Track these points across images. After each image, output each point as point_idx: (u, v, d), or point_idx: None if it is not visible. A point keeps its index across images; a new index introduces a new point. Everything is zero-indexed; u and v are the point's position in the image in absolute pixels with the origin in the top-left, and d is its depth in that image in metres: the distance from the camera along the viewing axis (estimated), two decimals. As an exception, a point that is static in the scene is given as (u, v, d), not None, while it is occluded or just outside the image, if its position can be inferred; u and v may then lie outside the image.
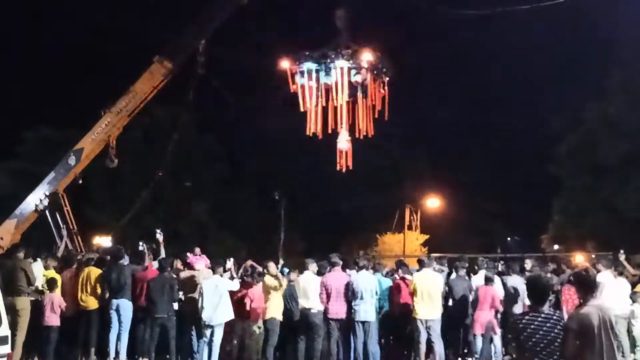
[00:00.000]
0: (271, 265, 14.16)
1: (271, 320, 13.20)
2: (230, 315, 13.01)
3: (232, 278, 13.89)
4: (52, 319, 12.98)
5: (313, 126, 20.44)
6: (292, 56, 20.16)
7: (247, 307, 13.57)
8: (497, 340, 13.70)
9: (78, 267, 14.13)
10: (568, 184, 32.98)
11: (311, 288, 13.38)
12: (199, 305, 12.95)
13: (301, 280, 13.58)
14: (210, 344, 12.97)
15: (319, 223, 36.26)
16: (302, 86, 20.13)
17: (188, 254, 15.48)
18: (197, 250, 16.15)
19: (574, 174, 32.08)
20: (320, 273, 13.67)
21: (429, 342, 13.08)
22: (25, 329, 12.11)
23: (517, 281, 13.81)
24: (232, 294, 14.07)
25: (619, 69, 30.16)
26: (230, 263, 14.34)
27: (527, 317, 6.93)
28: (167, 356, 13.24)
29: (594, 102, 31.18)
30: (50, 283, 13.11)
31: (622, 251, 15.38)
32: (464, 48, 46.66)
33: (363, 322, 13.00)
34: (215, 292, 12.84)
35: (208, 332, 12.91)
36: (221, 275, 13.30)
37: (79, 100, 29.43)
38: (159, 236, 14.98)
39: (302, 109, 20.10)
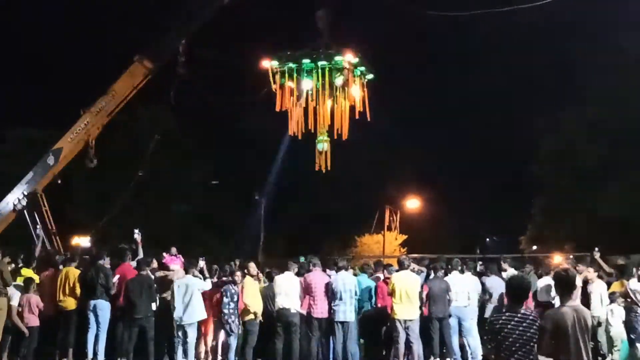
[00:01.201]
0: (251, 266, 14.12)
1: (250, 321, 13.16)
2: (202, 314, 12.95)
3: (204, 278, 13.84)
4: (31, 320, 12.87)
5: (294, 127, 20.48)
6: (274, 56, 20.16)
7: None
8: (473, 340, 13.75)
9: (56, 267, 14.03)
10: (547, 186, 33.19)
11: (291, 288, 13.37)
12: (171, 305, 12.88)
13: (281, 280, 13.53)
14: (184, 344, 12.88)
15: (298, 224, 36.24)
16: (283, 86, 20.15)
17: (164, 254, 15.38)
18: (174, 250, 16.05)
19: (553, 175, 32.28)
20: (299, 273, 13.70)
21: (408, 343, 13.10)
22: (2, 328, 11.99)
23: (495, 281, 13.85)
24: (211, 294, 14.04)
25: (598, 73, 30.39)
26: (202, 262, 14.25)
27: (504, 318, 6.94)
28: (146, 357, 13.15)
29: (574, 105, 31.39)
30: (27, 283, 12.98)
31: (597, 249, 15.49)
32: (445, 49, 46.91)
33: (342, 323, 13.00)
34: (187, 292, 12.77)
35: (180, 331, 12.82)
36: (194, 275, 13.24)
37: (62, 99, 29.23)
38: (137, 236, 14.90)
39: (282, 109, 20.11)
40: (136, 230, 15.04)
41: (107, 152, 20.21)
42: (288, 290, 13.34)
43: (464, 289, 13.99)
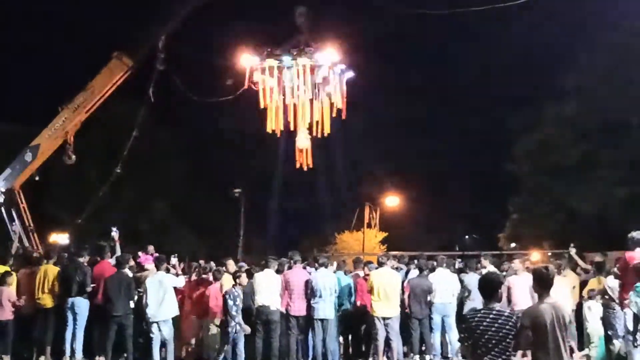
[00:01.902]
0: (230, 263, 14.12)
1: (229, 318, 13.14)
2: (174, 311, 12.95)
3: (177, 275, 13.82)
4: (4, 314, 12.79)
5: (273, 124, 20.45)
6: (253, 53, 20.10)
7: (206, 305, 13.53)
8: (455, 336, 13.82)
9: (34, 264, 13.92)
10: (525, 184, 33.34)
11: (271, 285, 13.36)
12: (143, 302, 12.85)
13: (261, 277, 13.50)
14: (160, 341, 12.85)
15: (278, 221, 36.26)
16: (263, 83, 20.12)
17: (140, 252, 15.33)
18: (151, 248, 16.02)
19: (531, 173, 32.42)
20: (279, 271, 13.68)
21: (387, 340, 13.15)
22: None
23: (473, 279, 13.93)
24: (191, 291, 14.02)
25: (576, 70, 30.57)
26: (174, 260, 14.21)
27: (479, 315, 7.01)
28: (124, 355, 13.09)
29: (551, 103, 31.55)
30: (2, 277, 12.89)
31: (572, 245, 15.69)
32: (423, 47, 47.06)
33: (322, 320, 13.02)
34: (160, 289, 12.75)
35: (154, 328, 12.76)
36: (166, 272, 13.20)
37: (42, 94, 28.90)
38: (115, 234, 14.84)
39: (262, 106, 20.07)
40: (114, 228, 14.98)
41: (86, 149, 20.04)
42: (268, 287, 13.35)
43: (447, 286, 14.13)
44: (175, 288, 13.15)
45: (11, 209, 17.96)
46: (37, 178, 19.00)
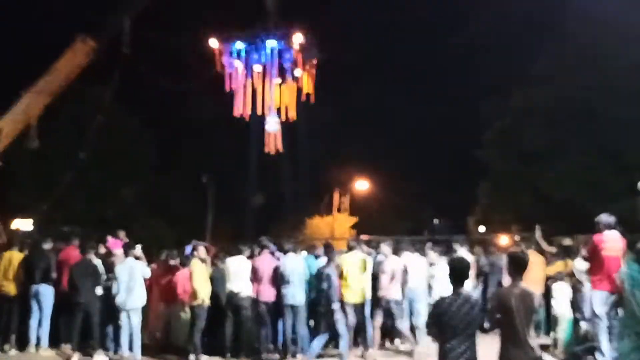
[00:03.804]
0: (200, 250, 14.02)
1: (198, 305, 13.08)
2: (143, 300, 12.91)
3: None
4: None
5: (241, 108, 20.35)
6: (221, 35, 19.94)
7: (174, 292, 13.48)
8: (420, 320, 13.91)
9: (-4, 251, 13.81)
10: (495, 169, 33.62)
11: (242, 272, 13.32)
12: (113, 289, 12.77)
13: (232, 263, 13.45)
14: (129, 329, 12.78)
15: (247, 207, 36.07)
16: (231, 65, 20.01)
17: (108, 237, 15.18)
18: (122, 234, 15.87)
19: (500, 159, 32.69)
20: (250, 257, 13.65)
21: (358, 325, 13.18)
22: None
23: (443, 263, 13.97)
24: (158, 277, 13.95)
25: (544, 57, 30.85)
26: (139, 249, 14.05)
27: (448, 299, 7.08)
28: (91, 343, 12.99)
29: (520, 90, 31.81)
30: None
31: (537, 226, 15.85)
32: (394, 32, 47.16)
33: (292, 306, 12.96)
34: (131, 277, 12.72)
35: (124, 316, 12.70)
36: (136, 259, 13.14)
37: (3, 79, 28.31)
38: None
39: (229, 90, 19.96)
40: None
41: (51, 133, 19.76)
42: (238, 273, 13.30)
43: (416, 271, 14.17)
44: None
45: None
46: (0, 163, 18.73)
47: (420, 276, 14.28)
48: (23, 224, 23.28)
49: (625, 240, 10.97)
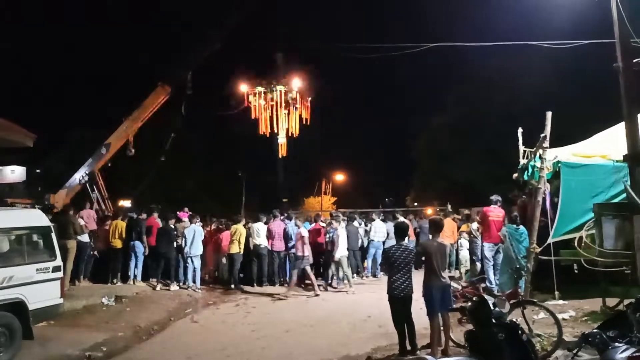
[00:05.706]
0: (240, 217, 14.07)
1: (234, 254, 13.14)
2: (201, 249, 12.84)
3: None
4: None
5: (263, 128, 20.60)
6: (249, 82, 20.23)
7: (220, 245, 13.51)
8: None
9: (107, 220, 13.81)
10: (422, 165, 33.65)
11: (261, 232, 13.39)
12: (182, 243, 12.72)
13: (256, 226, 13.53)
14: (193, 269, 12.80)
15: (267, 190, 35.95)
16: (255, 102, 20.18)
17: (178, 212, 15.19)
18: (186, 209, 15.88)
19: (426, 158, 32.71)
20: (267, 222, 13.70)
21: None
22: (72, 261, 11.73)
23: (390, 226, 14.08)
24: (211, 236, 13.96)
25: (452, 93, 30.82)
26: (197, 218, 13.92)
27: (393, 248, 7.13)
28: (168, 278, 12.99)
29: (437, 112, 31.85)
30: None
31: (448, 203, 16.07)
32: (362, 83, 47.70)
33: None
34: (195, 235, 12.69)
35: (189, 261, 12.70)
36: (196, 223, 13.12)
37: (107, 108, 27.79)
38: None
39: (254, 117, 20.10)
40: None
41: (141, 145, 19.62)
42: (259, 233, 13.38)
43: (381, 230, 14.29)
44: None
45: (92, 184, 17.68)
46: (109, 164, 18.72)
47: (381, 234, 14.43)
48: (125, 203, 23.22)
49: (504, 210, 11.08)
